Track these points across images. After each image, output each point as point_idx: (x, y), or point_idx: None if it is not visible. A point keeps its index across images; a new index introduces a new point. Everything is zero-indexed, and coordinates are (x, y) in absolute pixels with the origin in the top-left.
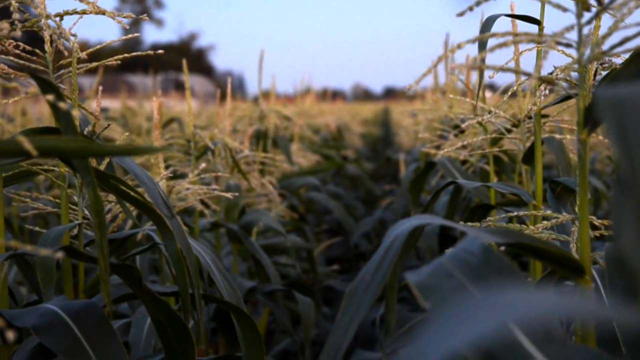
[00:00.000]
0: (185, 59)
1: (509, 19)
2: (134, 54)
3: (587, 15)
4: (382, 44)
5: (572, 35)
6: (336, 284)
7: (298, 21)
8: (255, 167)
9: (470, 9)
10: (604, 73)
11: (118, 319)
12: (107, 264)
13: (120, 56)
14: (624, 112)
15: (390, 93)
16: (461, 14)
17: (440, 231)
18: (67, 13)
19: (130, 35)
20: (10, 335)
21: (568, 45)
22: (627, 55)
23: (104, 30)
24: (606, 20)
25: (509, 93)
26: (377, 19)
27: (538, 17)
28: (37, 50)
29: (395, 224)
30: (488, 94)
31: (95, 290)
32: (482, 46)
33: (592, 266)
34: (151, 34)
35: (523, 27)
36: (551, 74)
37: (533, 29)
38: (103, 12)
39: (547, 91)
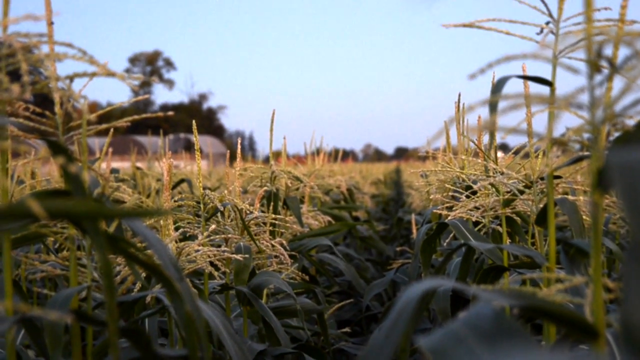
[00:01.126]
0: (195, 119)
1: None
2: (144, 115)
3: (598, 77)
4: (393, 105)
5: (584, 97)
6: (347, 347)
7: (309, 83)
8: (265, 228)
9: (482, 71)
10: (616, 134)
11: None
12: (116, 328)
13: (130, 118)
14: (635, 179)
15: (402, 153)
16: (472, 77)
17: (452, 293)
18: (77, 75)
19: (140, 97)
20: None
21: (580, 107)
22: (639, 117)
23: (114, 90)
24: (618, 81)
25: (522, 154)
26: (388, 79)
27: (549, 79)
28: (47, 112)
29: (407, 286)
30: (500, 154)
31: (104, 353)
32: (493, 108)
33: (606, 329)
34: (161, 95)
35: (535, 88)
36: (563, 135)
37: (545, 90)
38: (113, 75)
39: (559, 152)
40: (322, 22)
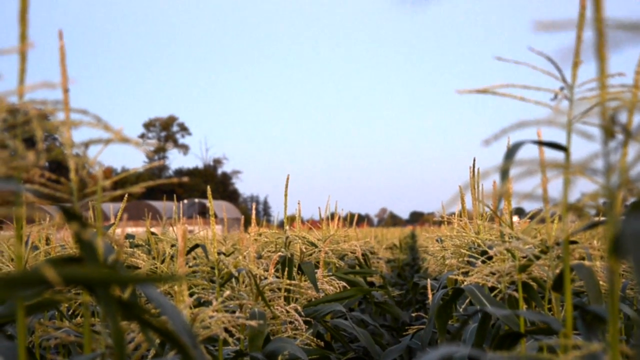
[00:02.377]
0: (209, 184)
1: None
2: (159, 181)
3: (613, 143)
4: (408, 169)
5: (599, 163)
6: None
7: (324, 148)
8: (280, 294)
9: (496, 137)
10: (632, 199)
11: None
12: None
13: (145, 184)
14: None
15: (417, 217)
16: (487, 143)
17: (469, 358)
18: (92, 142)
19: (155, 163)
20: None
21: (595, 172)
22: None
23: (129, 154)
24: (633, 147)
25: (537, 219)
26: (404, 145)
27: (564, 143)
28: (62, 179)
29: (423, 352)
30: (515, 218)
31: None
32: (505, 175)
33: None
34: (176, 159)
35: (550, 153)
36: (579, 200)
37: (560, 155)
38: (127, 141)
39: (575, 217)
40: (338, 87)
